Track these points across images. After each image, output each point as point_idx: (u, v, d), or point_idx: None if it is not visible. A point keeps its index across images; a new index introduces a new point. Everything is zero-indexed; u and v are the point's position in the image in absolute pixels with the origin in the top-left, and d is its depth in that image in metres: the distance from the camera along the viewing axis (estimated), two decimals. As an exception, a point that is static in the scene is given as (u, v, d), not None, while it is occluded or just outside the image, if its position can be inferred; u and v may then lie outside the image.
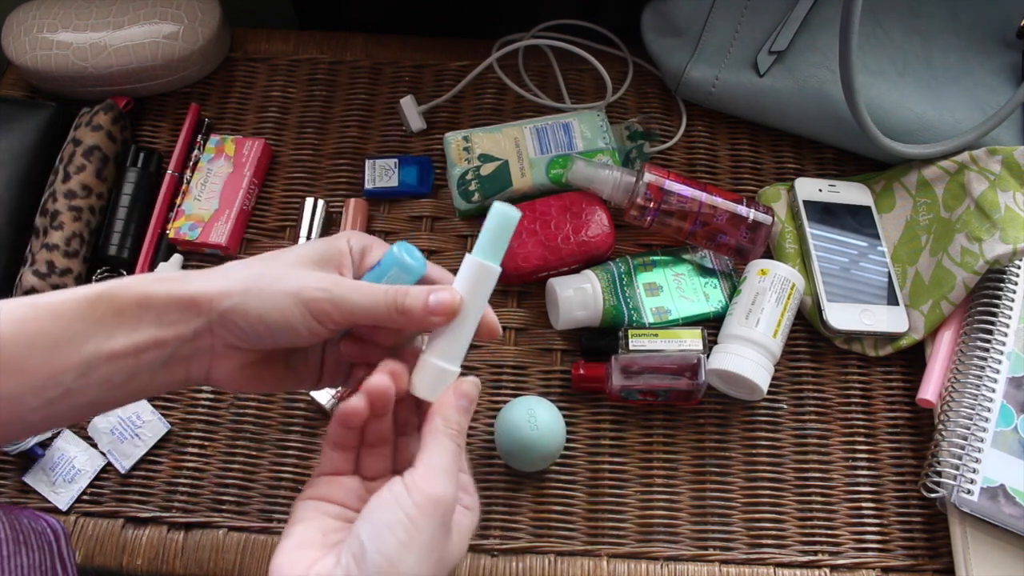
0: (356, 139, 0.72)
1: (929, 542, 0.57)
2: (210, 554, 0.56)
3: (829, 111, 0.67)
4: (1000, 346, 0.57)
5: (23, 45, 0.70)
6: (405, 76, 0.75)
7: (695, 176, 0.70)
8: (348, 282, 0.39)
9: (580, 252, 0.63)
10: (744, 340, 0.58)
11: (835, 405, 0.62)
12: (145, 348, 0.37)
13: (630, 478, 0.59)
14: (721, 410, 0.61)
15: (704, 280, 0.64)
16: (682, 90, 0.72)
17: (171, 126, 0.73)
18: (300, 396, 0.61)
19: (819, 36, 0.67)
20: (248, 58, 0.77)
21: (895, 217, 0.66)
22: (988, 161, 0.61)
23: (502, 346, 0.63)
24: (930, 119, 0.65)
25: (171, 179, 0.69)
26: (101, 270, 0.65)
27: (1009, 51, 0.67)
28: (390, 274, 0.41)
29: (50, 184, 0.65)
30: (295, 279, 0.38)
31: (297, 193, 0.70)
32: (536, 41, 0.70)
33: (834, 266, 0.63)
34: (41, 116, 0.68)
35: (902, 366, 0.63)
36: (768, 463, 0.60)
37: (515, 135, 0.68)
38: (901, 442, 0.60)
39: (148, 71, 0.71)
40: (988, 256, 0.56)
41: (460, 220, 0.68)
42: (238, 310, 0.37)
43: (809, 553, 0.57)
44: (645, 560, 0.56)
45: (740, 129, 0.73)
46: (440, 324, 0.39)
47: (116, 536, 0.56)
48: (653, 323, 0.61)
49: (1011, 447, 0.55)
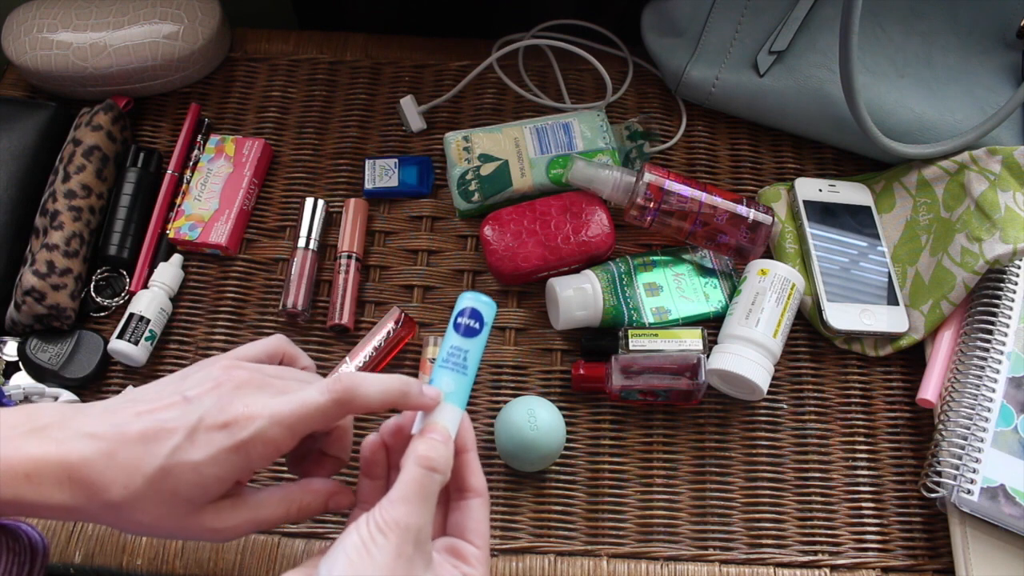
0: (356, 139, 0.72)
1: (929, 542, 0.57)
2: (210, 554, 0.56)
3: (829, 111, 0.67)
4: (1000, 346, 0.57)
5: (23, 45, 0.70)
6: (405, 76, 0.75)
7: (695, 176, 0.70)
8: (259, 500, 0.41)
9: (580, 252, 0.63)
10: (744, 340, 0.58)
11: (835, 405, 0.62)
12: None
13: (630, 478, 0.59)
14: (721, 410, 0.61)
15: (704, 280, 0.64)
16: (682, 90, 0.72)
17: (171, 126, 0.73)
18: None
19: (819, 36, 0.67)
20: (248, 58, 0.77)
21: (895, 217, 0.66)
22: (988, 161, 0.61)
23: (502, 346, 0.63)
24: (930, 119, 0.65)
25: (171, 179, 0.69)
26: (101, 270, 0.65)
27: (1009, 51, 0.67)
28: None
29: (50, 184, 0.65)
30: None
31: (297, 193, 0.70)
32: (536, 41, 0.70)
33: (834, 266, 0.63)
34: (41, 116, 0.68)
35: (902, 366, 0.63)
36: (768, 463, 0.60)
37: (515, 135, 0.68)
38: (901, 442, 0.60)
39: (148, 71, 0.71)
40: (988, 256, 0.56)
41: (460, 220, 0.68)
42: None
43: (809, 553, 0.57)
44: (645, 560, 0.56)
45: (740, 129, 0.73)
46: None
47: (116, 536, 0.56)
48: (653, 323, 0.61)
49: (1011, 447, 0.55)
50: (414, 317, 0.64)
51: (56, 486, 0.36)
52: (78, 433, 0.37)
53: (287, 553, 0.56)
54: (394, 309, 0.62)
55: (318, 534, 0.57)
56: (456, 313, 0.44)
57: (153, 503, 0.37)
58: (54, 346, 0.61)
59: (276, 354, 0.45)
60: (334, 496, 0.43)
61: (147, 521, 0.38)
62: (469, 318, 0.44)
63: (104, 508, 0.37)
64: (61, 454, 0.36)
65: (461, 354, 0.43)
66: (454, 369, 0.43)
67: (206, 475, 0.38)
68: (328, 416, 0.39)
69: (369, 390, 0.40)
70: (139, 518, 0.37)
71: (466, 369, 0.43)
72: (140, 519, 0.38)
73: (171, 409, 0.38)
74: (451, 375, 0.43)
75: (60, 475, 0.36)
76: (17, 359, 0.61)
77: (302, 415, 0.39)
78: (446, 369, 0.43)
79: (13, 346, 0.62)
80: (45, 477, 0.36)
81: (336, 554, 0.36)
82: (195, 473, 0.37)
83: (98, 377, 0.62)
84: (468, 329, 0.44)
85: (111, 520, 0.38)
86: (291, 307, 0.62)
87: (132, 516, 0.37)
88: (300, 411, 0.38)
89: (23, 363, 0.61)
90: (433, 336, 0.62)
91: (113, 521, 0.38)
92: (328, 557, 0.37)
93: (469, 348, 0.44)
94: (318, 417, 0.39)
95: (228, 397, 0.39)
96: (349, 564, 0.35)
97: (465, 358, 0.43)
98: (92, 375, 0.61)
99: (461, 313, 0.44)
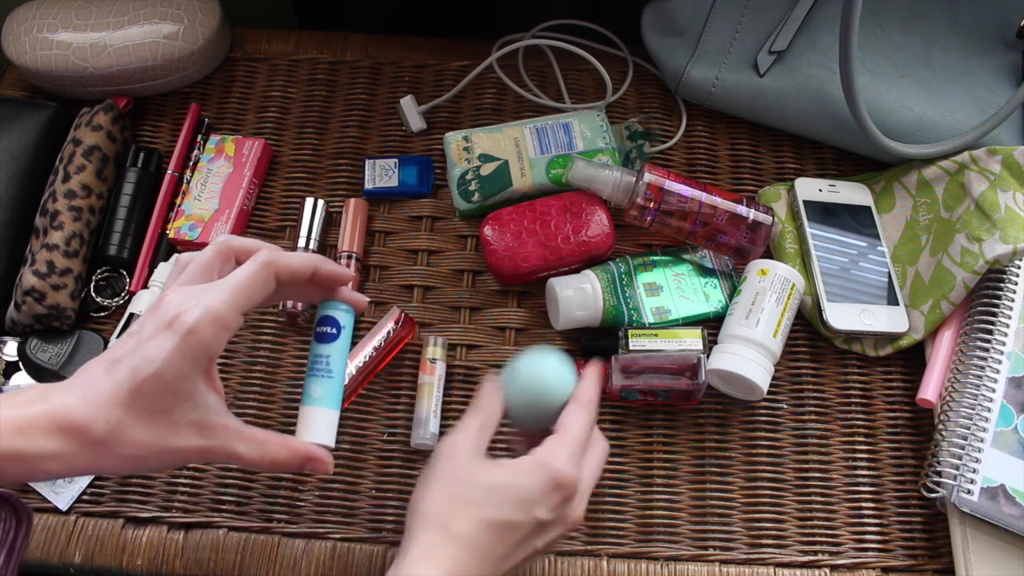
0: (356, 139, 0.72)
1: (929, 542, 0.57)
2: (210, 554, 0.56)
3: (829, 111, 0.67)
4: (1000, 346, 0.57)
5: (23, 45, 0.70)
6: (405, 76, 0.75)
7: (695, 176, 0.70)
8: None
9: (580, 252, 0.63)
10: (744, 340, 0.58)
11: (835, 405, 0.62)
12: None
13: (630, 478, 0.59)
14: (721, 410, 0.61)
15: (704, 280, 0.64)
16: (682, 90, 0.72)
17: (171, 126, 0.73)
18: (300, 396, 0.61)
19: (819, 36, 0.67)
20: (248, 58, 0.77)
21: (895, 217, 0.66)
22: (988, 161, 0.61)
23: (502, 346, 0.63)
24: (930, 119, 0.65)
25: (171, 179, 0.69)
26: (101, 270, 0.65)
27: (1009, 51, 0.67)
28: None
29: (50, 184, 0.65)
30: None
31: (297, 193, 0.70)
32: (536, 41, 0.70)
33: (834, 266, 0.63)
34: (41, 116, 0.68)
35: (902, 366, 0.63)
36: (768, 463, 0.60)
37: (515, 135, 0.68)
38: (901, 442, 0.60)
39: (148, 71, 0.71)
40: (988, 256, 0.56)
41: (460, 220, 0.68)
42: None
43: (809, 553, 0.57)
44: (645, 560, 0.56)
45: (740, 129, 0.73)
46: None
47: (116, 536, 0.56)
48: (653, 323, 0.61)
49: (1011, 447, 0.55)
50: (414, 317, 0.64)
51: (46, 436, 0.39)
52: (56, 389, 0.41)
53: (287, 553, 0.56)
54: (394, 309, 0.62)
55: (318, 534, 0.57)
56: (315, 323, 0.48)
57: (136, 430, 0.40)
58: (54, 346, 0.61)
59: (225, 262, 0.46)
60: (312, 461, 0.45)
61: (136, 452, 0.40)
62: (326, 325, 0.47)
63: (94, 448, 0.39)
64: (45, 408, 0.39)
65: (323, 360, 0.47)
66: (320, 375, 0.47)
67: (170, 379, 0.40)
68: (258, 281, 0.43)
69: (290, 256, 0.45)
70: (128, 451, 0.40)
71: (331, 373, 0.47)
72: (129, 451, 0.40)
73: (120, 346, 0.41)
74: (319, 381, 0.47)
75: (48, 424, 0.39)
76: (17, 359, 0.61)
77: (236, 287, 0.42)
78: (314, 377, 0.47)
79: (13, 346, 0.62)
80: (35, 428, 0.39)
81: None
82: (160, 382, 0.40)
83: (98, 377, 0.62)
84: (327, 335, 0.47)
85: (103, 462, 0.40)
86: (291, 307, 0.63)
87: (121, 450, 0.40)
88: (234, 285, 0.42)
89: (23, 363, 0.61)
90: (433, 336, 0.62)
91: (105, 462, 0.40)
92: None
93: (330, 353, 0.47)
94: (250, 284, 0.42)
95: (165, 307, 0.41)
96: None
97: (328, 363, 0.47)
98: (92, 375, 0.61)
99: (319, 322, 0.47)
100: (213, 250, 0.45)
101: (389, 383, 0.62)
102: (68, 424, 0.39)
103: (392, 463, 0.59)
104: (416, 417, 0.59)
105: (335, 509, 0.58)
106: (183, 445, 0.41)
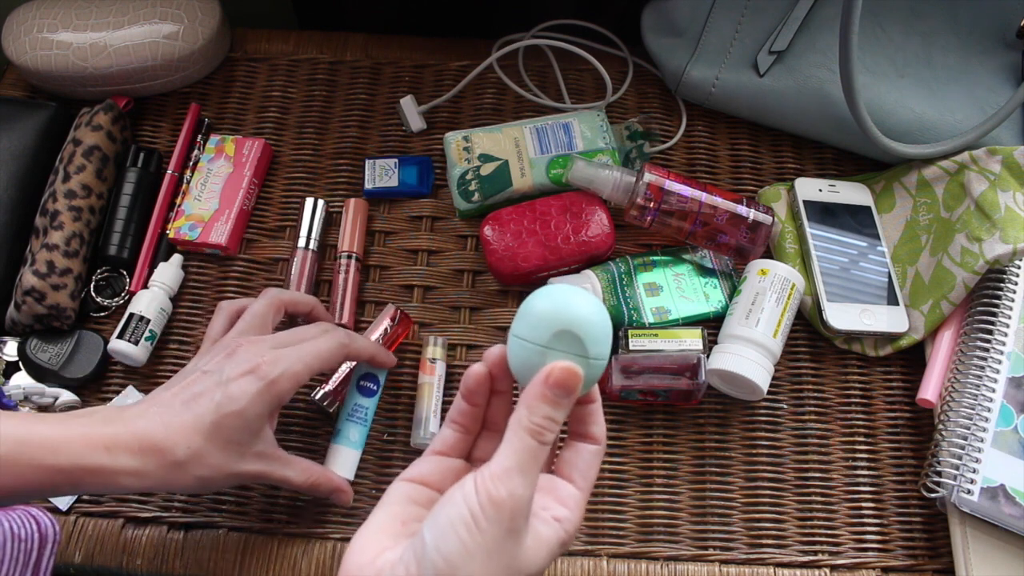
0: (356, 139, 0.72)
1: (929, 542, 0.57)
2: (210, 554, 0.56)
3: (829, 111, 0.67)
4: (1000, 346, 0.57)
5: (23, 45, 0.70)
6: (405, 76, 0.75)
7: (695, 176, 0.70)
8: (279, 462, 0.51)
9: (580, 252, 0.63)
10: (744, 340, 0.58)
11: (835, 405, 0.62)
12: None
13: (630, 478, 0.59)
14: (721, 410, 0.61)
15: (704, 280, 0.64)
16: (682, 90, 0.72)
17: (171, 126, 0.73)
18: (300, 397, 0.61)
19: (819, 36, 0.67)
20: (248, 58, 0.77)
21: (895, 217, 0.66)
22: (988, 161, 0.61)
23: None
24: (930, 119, 0.65)
25: (171, 179, 0.69)
26: (101, 270, 0.65)
27: (1009, 51, 0.67)
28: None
29: (50, 184, 0.65)
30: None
31: (297, 193, 0.70)
32: (536, 41, 0.70)
33: (834, 266, 0.63)
34: (41, 116, 0.68)
35: (902, 366, 0.63)
36: (768, 463, 0.60)
37: (515, 135, 0.68)
38: (901, 442, 0.60)
39: (148, 71, 0.71)
40: (988, 256, 0.56)
41: (460, 220, 0.68)
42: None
43: (809, 553, 0.57)
44: (645, 560, 0.56)
45: (740, 129, 0.73)
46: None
47: (116, 536, 0.56)
48: (653, 323, 0.61)
49: (1011, 447, 0.55)
50: (414, 317, 0.64)
51: (129, 454, 0.44)
52: (131, 414, 0.46)
53: (287, 553, 0.56)
54: (389, 306, 0.62)
55: (318, 535, 0.57)
56: (357, 377, 0.58)
57: (212, 455, 0.46)
58: (54, 346, 0.61)
59: (276, 314, 0.55)
60: (337, 492, 0.54)
61: (207, 474, 0.46)
62: (368, 381, 0.58)
63: (171, 468, 0.45)
64: (130, 430, 0.45)
65: (362, 410, 0.58)
66: (357, 421, 0.57)
67: (249, 417, 0.47)
68: (334, 358, 0.52)
69: (362, 343, 0.55)
70: (201, 472, 0.46)
71: (365, 421, 0.58)
72: (202, 473, 0.46)
73: (197, 383, 0.48)
74: (355, 427, 0.57)
75: (132, 444, 0.45)
76: (17, 359, 0.61)
77: (317, 355, 0.51)
78: (351, 422, 0.57)
79: (13, 346, 0.62)
80: (120, 447, 0.44)
81: (443, 527, 0.34)
82: (240, 418, 0.47)
83: (98, 377, 0.62)
84: (368, 390, 0.58)
85: (173, 478, 0.46)
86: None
87: (195, 471, 0.46)
88: (315, 354, 0.51)
89: (23, 363, 0.61)
90: (433, 336, 0.62)
91: (175, 479, 0.46)
92: (434, 524, 0.35)
93: (368, 405, 0.58)
94: (327, 357, 0.52)
95: (244, 355, 0.49)
96: (460, 542, 0.33)
97: (365, 413, 0.58)
98: (92, 375, 0.61)
99: (362, 377, 0.58)
100: (266, 303, 0.53)
101: (389, 383, 0.62)
102: (152, 445, 0.45)
103: (392, 463, 0.59)
104: (416, 417, 0.59)
105: (335, 509, 0.58)
106: (246, 470, 0.48)
